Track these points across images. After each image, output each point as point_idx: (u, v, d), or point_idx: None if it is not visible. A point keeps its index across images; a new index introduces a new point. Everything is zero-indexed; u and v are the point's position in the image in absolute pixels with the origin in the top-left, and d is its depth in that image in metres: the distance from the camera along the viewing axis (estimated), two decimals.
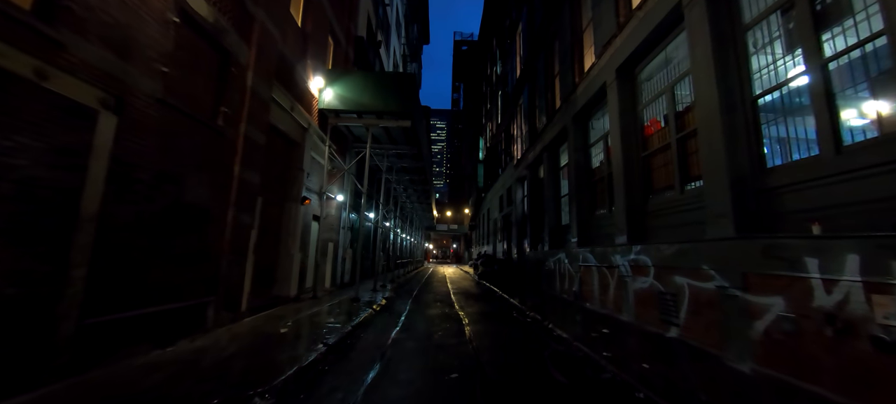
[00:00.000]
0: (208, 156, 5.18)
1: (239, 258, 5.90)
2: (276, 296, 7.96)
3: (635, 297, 6.70)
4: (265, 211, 7.60)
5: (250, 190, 6.12)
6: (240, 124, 5.85)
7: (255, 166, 6.21)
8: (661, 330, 5.85)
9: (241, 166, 5.82)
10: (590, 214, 9.76)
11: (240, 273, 5.93)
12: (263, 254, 7.60)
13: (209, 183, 5.20)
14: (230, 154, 5.67)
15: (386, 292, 10.94)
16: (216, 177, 5.35)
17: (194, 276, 4.98)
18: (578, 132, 10.29)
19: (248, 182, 6.03)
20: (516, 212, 17.93)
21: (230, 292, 5.68)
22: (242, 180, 5.85)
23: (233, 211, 5.65)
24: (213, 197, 5.29)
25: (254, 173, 6.18)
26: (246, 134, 5.93)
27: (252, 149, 6.12)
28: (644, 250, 6.44)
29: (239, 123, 5.84)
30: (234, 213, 5.68)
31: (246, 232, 6.05)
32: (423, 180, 17.37)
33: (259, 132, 6.31)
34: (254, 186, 6.21)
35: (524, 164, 16.19)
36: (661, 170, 6.90)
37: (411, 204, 24.15)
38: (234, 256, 5.72)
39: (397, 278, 16.67)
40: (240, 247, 5.91)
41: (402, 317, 7.28)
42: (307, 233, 9.51)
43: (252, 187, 6.16)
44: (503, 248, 21.60)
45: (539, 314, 7.60)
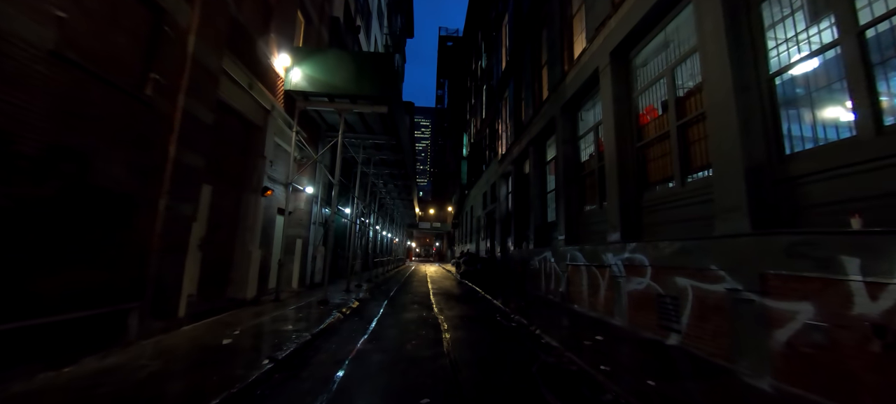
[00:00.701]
0: (130, 131, 4.25)
1: (175, 255, 4.98)
2: (231, 298, 7.02)
3: (629, 300, 6.13)
4: (217, 201, 6.65)
5: (192, 175, 5.19)
6: (177, 96, 4.92)
7: (198, 147, 5.28)
8: (660, 336, 5.28)
9: (179, 146, 4.89)
10: (578, 211, 9.19)
11: (176, 273, 5.00)
12: (215, 250, 6.65)
13: (131, 164, 4.27)
14: (163, 131, 4.73)
15: (360, 293, 10.09)
16: (142, 157, 4.42)
17: (110, 278, 4.05)
18: (567, 123, 9.71)
19: (189, 165, 5.10)
20: (500, 209, 17.34)
21: (162, 296, 4.75)
22: (180, 163, 4.92)
23: (166, 199, 4.72)
24: (137, 181, 4.36)
25: (197, 155, 5.25)
26: (186, 108, 5.00)
27: (195, 128, 5.20)
28: (640, 248, 5.86)
29: (176, 95, 4.91)
30: (169, 202, 4.75)
31: (185, 224, 5.12)
32: (404, 175, 16.53)
33: (204, 108, 5.38)
34: (196, 171, 5.28)
35: (509, 159, 15.59)
36: (658, 161, 6.35)
37: (392, 200, 23.26)
38: (167, 253, 4.79)
39: (375, 278, 15.79)
40: (176, 242, 4.98)
41: (373, 323, 6.48)
42: (271, 227, 8.56)
43: (194, 172, 5.23)
44: (486, 247, 21.01)
45: (524, 317, 6.95)
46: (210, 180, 6.39)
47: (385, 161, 14.22)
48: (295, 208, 10.08)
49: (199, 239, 6.14)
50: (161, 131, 4.70)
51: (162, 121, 4.71)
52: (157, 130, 4.63)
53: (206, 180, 6.19)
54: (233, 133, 7.07)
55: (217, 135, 6.52)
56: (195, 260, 6.00)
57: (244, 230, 7.31)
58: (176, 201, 4.89)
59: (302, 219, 10.14)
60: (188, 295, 5.56)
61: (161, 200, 4.69)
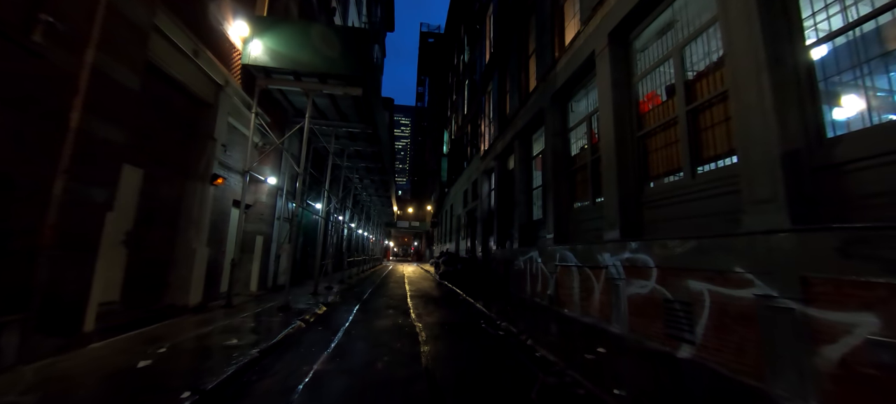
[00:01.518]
0: (5, 86, 3.18)
1: (79, 254, 3.90)
2: (170, 305, 5.91)
3: (630, 305, 5.49)
4: (151, 189, 5.54)
5: (106, 152, 4.12)
6: (85, 50, 3.85)
7: (117, 118, 4.21)
8: (668, 347, 4.64)
9: (87, 114, 3.82)
10: (568, 207, 8.57)
11: (80, 276, 3.93)
12: (147, 248, 5.54)
13: (5, 131, 3.19)
14: (62, 92, 3.66)
15: (329, 296, 9.09)
16: (24, 123, 3.35)
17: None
18: (556, 115, 9.08)
19: (101, 140, 4.03)
20: (482, 207, 16.66)
21: (57, 306, 3.68)
22: (88, 136, 3.85)
23: (65, 180, 3.65)
24: (16, 155, 3.29)
25: (114, 128, 4.18)
26: (98, 66, 3.93)
27: (111, 93, 4.13)
28: (644, 247, 5.23)
29: (83, 49, 3.83)
30: (69, 185, 3.68)
31: (94, 214, 4.05)
32: (381, 169, 15.55)
33: (126, 70, 4.31)
34: (113, 148, 4.21)
35: (492, 155, 14.91)
36: (662, 152, 5.75)
37: (368, 196, 22.17)
38: (66, 251, 3.72)
39: (349, 279, 14.74)
40: (81, 236, 3.91)
41: (339, 334, 5.56)
42: (223, 222, 7.45)
43: (110, 149, 4.16)
44: (467, 246, 20.29)
45: (512, 324, 6.21)
46: (141, 162, 5.28)
47: (360, 153, 13.21)
48: (255, 201, 8.96)
49: (122, 233, 5.04)
50: (58, 92, 3.62)
51: (60, 80, 3.63)
52: (50, 90, 3.56)
53: (133, 161, 5.09)
54: (174, 109, 5.96)
55: (152, 109, 5.42)
56: (116, 259, 4.90)
57: (187, 224, 6.20)
58: (80, 184, 3.82)
59: (263, 214, 9.03)
60: (104, 303, 4.47)
61: (57, 182, 3.61)
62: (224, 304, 6.81)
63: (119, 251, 4.98)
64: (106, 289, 4.62)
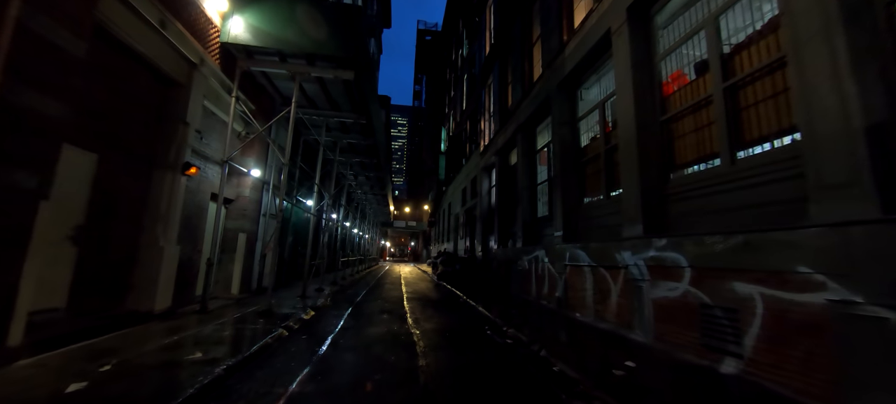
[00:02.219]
0: None
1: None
2: (132, 312, 5.18)
3: (656, 310, 4.84)
4: (108, 178, 4.81)
5: (37, 127, 3.40)
6: (7, 1, 3.13)
7: (52, 87, 3.50)
8: (707, 360, 3.99)
9: (7, 78, 3.11)
10: (578, 203, 7.92)
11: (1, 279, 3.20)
12: (103, 246, 4.82)
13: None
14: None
15: (319, 299, 8.38)
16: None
17: None
18: (565, 103, 8.43)
19: (31, 112, 3.32)
20: (482, 205, 16.00)
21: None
22: (10, 105, 3.14)
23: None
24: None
25: (49, 99, 3.47)
26: (25, 23, 3.22)
27: (45, 56, 3.42)
28: (673, 245, 4.57)
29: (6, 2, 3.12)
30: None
31: (22, 203, 3.33)
32: (376, 165, 14.85)
33: (66, 31, 3.60)
34: (49, 122, 3.50)
35: (493, 150, 14.26)
36: (690, 137, 5.11)
37: (363, 193, 21.44)
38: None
39: (342, 280, 14.02)
40: (2, 230, 3.19)
41: (325, 345, 4.87)
42: (199, 218, 6.73)
43: (43, 123, 3.44)
44: (466, 246, 19.63)
45: (520, 331, 5.56)
46: (95, 146, 4.56)
47: (354, 147, 12.50)
48: (238, 196, 8.23)
49: (70, 228, 4.31)
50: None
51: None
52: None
53: (84, 144, 4.37)
54: (138, 87, 5.24)
55: (109, 86, 4.70)
56: (60, 258, 4.18)
57: (154, 219, 5.48)
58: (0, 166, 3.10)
59: (247, 210, 8.31)
60: (42, 310, 3.75)
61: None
62: (198, 310, 6.09)
63: (65, 249, 4.26)
64: (45, 294, 3.91)
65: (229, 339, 4.58)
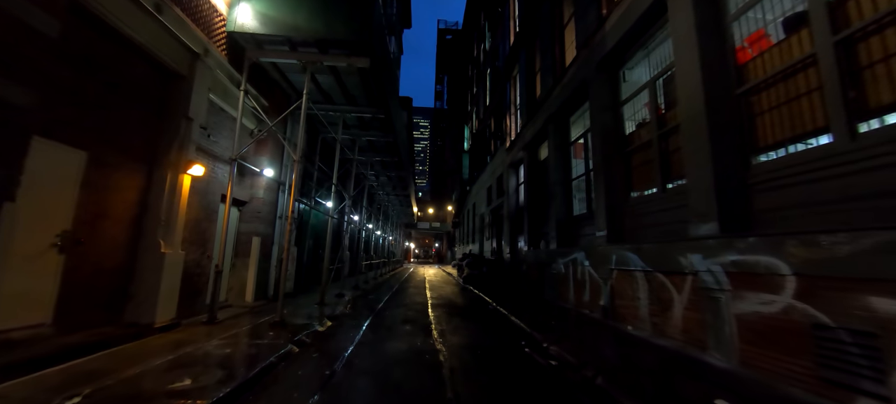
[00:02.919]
0: None
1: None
2: (132, 324, 4.73)
3: (741, 327, 3.86)
4: (101, 178, 4.37)
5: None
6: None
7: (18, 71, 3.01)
8: (832, 398, 3.00)
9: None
10: (624, 198, 6.93)
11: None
12: (96, 253, 4.37)
13: None
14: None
15: (338, 307, 7.81)
16: None
17: None
18: (604, 86, 7.46)
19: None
20: (509, 204, 15.08)
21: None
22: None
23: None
24: None
25: (14, 86, 2.97)
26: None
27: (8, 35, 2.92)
28: (767, 246, 3.59)
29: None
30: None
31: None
32: (398, 163, 14.27)
33: (34, 6, 3.10)
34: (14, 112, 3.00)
35: (520, 145, 13.34)
36: (781, 110, 4.09)
37: (385, 194, 20.99)
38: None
39: (364, 283, 13.52)
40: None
41: (339, 365, 4.20)
42: (208, 221, 6.28)
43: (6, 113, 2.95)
44: (492, 247, 18.75)
45: (566, 349, 4.70)
46: (84, 142, 4.11)
47: (374, 145, 11.94)
48: (251, 197, 7.79)
49: (55, 234, 3.86)
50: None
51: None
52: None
53: (68, 139, 3.91)
54: (133, 79, 4.79)
55: (99, 76, 4.25)
56: (44, 269, 3.72)
57: (154, 222, 5.02)
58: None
59: (261, 212, 7.86)
60: (20, 327, 3.28)
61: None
62: (206, 320, 5.61)
63: (49, 257, 3.81)
64: (25, 308, 3.45)
65: (230, 359, 4.00)
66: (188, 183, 5.38)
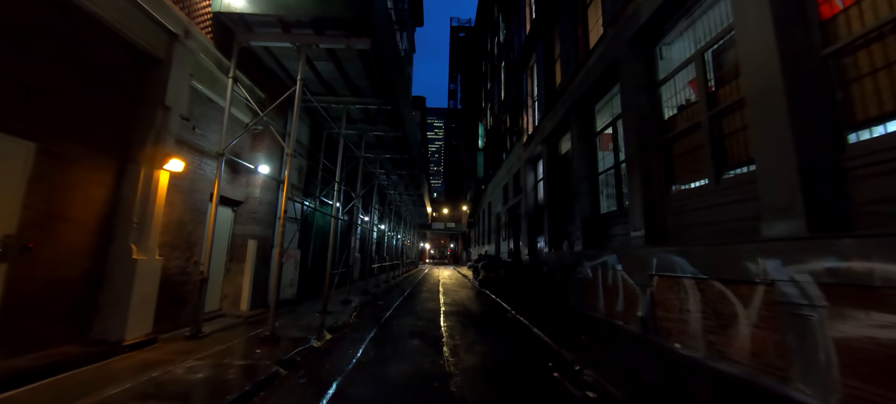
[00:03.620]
0: None
1: None
2: (100, 341, 4.14)
3: (845, 355, 2.93)
4: (57, 174, 3.78)
5: None
6: None
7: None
8: None
9: None
10: (663, 192, 5.99)
11: None
12: (54, 261, 3.78)
13: None
14: None
15: (342, 316, 7.14)
16: None
17: None
18: (638, 65, 6.53)
19: None
20: (527, 203, 14.17)
21: None
22: None
23: None
24: None
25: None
26: None
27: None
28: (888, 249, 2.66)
29: None
30: None
31: None
32: (409, 161, 13.57)
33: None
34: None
35: (538, 139, 12.43)
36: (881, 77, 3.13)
37: (398, 194, 20.36)
38: None
39: (375, 287, 12.87)
40: None
41: (329, 395, 3.46)
42: (194, 223, 5.68)
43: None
44: (509, 248, 17.84)
45: (605, 375, 3.84)
46: (32, 132, 3.52)
47: (383, 141, 11.27)
48: (247, 197, 7.21)
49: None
50: None
51: None
52: None
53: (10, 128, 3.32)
54: (97, 61, 4.19)
55: (52, 56, 3.66)
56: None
57: (126, 224, 4.43)
58: None
59: (258, 212, 7.25)
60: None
61: None
62: (189, 334, 5.00)
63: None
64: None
65: (198, 388, 3.33)
66: (166, 180, 4.78)
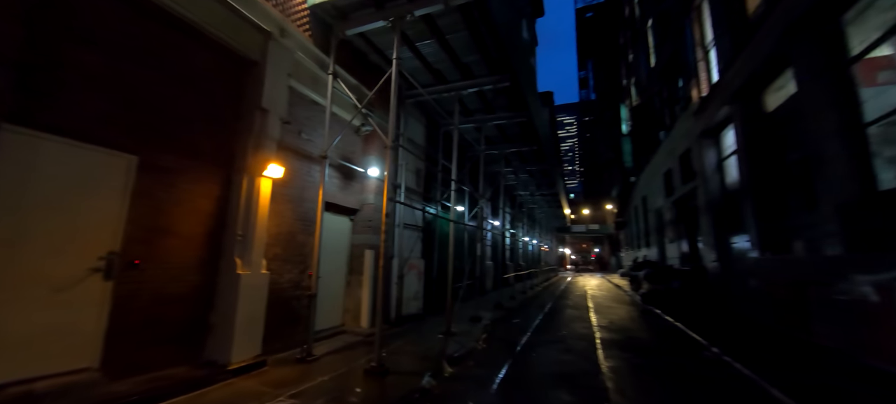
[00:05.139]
0: None
1: None
2: (209, 362, 3.89)
3: None
4: (158, 187, 3.64)
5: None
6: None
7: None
8: None
9: None
10: None
11: None
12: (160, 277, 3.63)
13: None
14: None
15: (470, 339, 5.91)
16: None
17: None
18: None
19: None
20: (707, 190, 10.36)
21: None
22: None
23: None
24: None
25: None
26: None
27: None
28: None
29: None
30: None
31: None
32: (538, 154, 11.69)
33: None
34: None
35: (722, 98, 8.81)
36: None
37: (529, 195, 18.46)
38: None
39: (509, 300, 11.36)
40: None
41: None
42: (307, 233, 5.32)
43: None
44: (680, 251, 13.73)
45: None
46: (131, 145, 3.41)
47: (505, 131, 9.79)
48: (361, 203, 6.76)
49: (98, 257, 3.14)
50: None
51: None
52: None
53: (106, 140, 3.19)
54: (194, 69, 4.05)
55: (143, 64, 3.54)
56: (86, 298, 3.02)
57: (231, 237, 4.17)
58: None
59: (372, 220, 6.73)
60: (52, 374, 2.50)
61: None
62: (299, 357, 4.51)
63: (90, 285, 3.11)
64: (60, 352, 2.71)
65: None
66: (268, 188, 4.43)
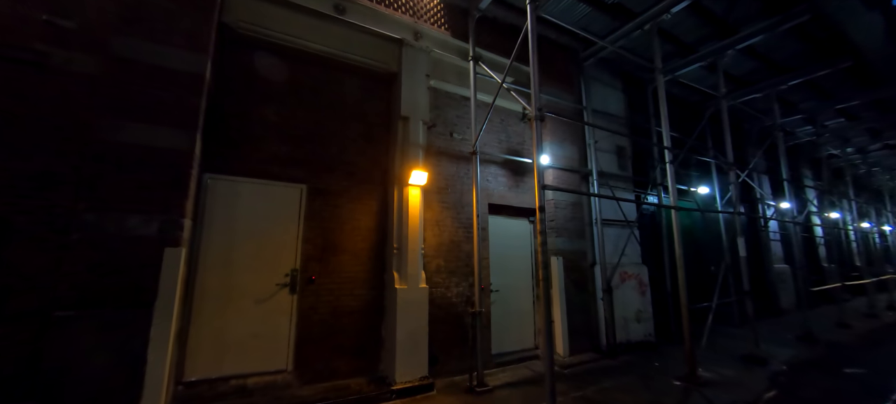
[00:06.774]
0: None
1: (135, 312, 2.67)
2: (380, 378, 3.86)
3: None
4: (326, 208, 4.04)
5: (137, 159, 2.89)
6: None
7: (158, 114, 2.98)
8: None
9: (99, 115, 2.78)
10: None
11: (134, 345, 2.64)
12: (332, 290, 3.94)
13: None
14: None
15: (732, 398, 3.55)
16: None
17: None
18: None
19: (121, 145, 2.85)
20: None
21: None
22: (105, 142, 2.76)
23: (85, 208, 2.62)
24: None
25: (167, 129, 2.94)
26: (122, 55, 2.90)
27: (148, 80, 2.99)
28: None
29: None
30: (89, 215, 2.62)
31: (137, 253, 2.76)
32: (863, 73, 6.69)
33: (179, 50, 3.10)
34: (157, 155, 2.94)
35: None
36: None
37: (855, 152, 11.19)
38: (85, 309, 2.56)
39: (832, 329, 6.70)
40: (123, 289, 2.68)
41: None
42: (470, 240, 4.77)
43: (148, 155, 2.91)
44: None
45: None
46: (300, 175, 3.93)
47: (768, 57, 6.11)
48: (543, 203, 5.57)
49: (285, 273, 3.69)
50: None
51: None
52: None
53: (276, 174, 3.79)
54: (344, 95, 4.37)
55: (287, 100, 4.08)
56: (279, 309, 3.57)
57: (389, 250, 4.12)
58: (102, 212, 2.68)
59: (555, 220, 5.38)
60: (263, 372, 3.09)
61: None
62: (468, 386, 3.86)
63: (281, 298, 3.64)
64: (263, 355, 3.32)
65: None
66: (417, 197, 4.19)
